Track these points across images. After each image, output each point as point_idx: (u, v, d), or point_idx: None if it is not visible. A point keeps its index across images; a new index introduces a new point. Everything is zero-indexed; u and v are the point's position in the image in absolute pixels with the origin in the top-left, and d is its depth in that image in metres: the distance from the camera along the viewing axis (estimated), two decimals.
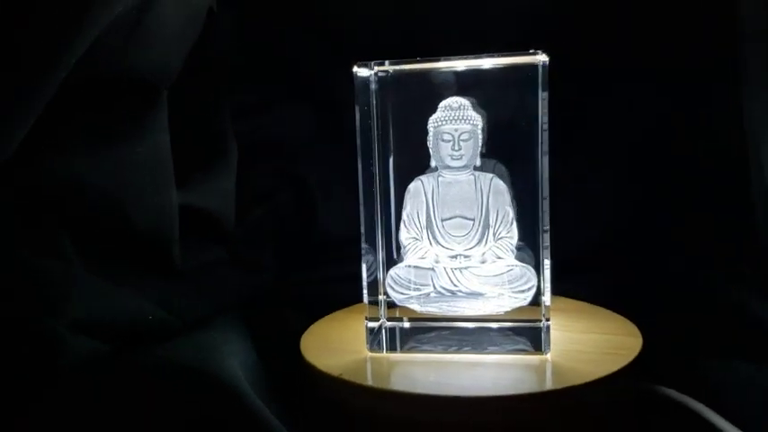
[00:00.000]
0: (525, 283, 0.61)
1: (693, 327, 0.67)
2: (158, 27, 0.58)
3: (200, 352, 0.54)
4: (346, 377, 0.56)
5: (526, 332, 0.61)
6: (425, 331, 0.63)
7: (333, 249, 0.91)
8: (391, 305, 0.63)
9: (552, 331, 0.64)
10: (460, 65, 0.59)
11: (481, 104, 0.61)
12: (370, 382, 0.56)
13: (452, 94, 0.60)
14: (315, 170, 0.92)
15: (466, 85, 0.60)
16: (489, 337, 0.61)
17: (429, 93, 0.61)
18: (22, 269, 0.55)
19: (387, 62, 0.60)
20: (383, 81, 0.61)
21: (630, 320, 0.66)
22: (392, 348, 0.62)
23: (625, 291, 0.74)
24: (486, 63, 0.58)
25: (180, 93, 0.68)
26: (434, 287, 0.62)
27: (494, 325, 0.61)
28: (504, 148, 0.61)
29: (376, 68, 0.60)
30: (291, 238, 0.93)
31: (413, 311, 0.62)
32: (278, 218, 0.91)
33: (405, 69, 0.60)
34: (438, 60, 0.59)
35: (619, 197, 0.83)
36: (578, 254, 0.78)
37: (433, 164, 0.61)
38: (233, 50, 0.83)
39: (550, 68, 0.68)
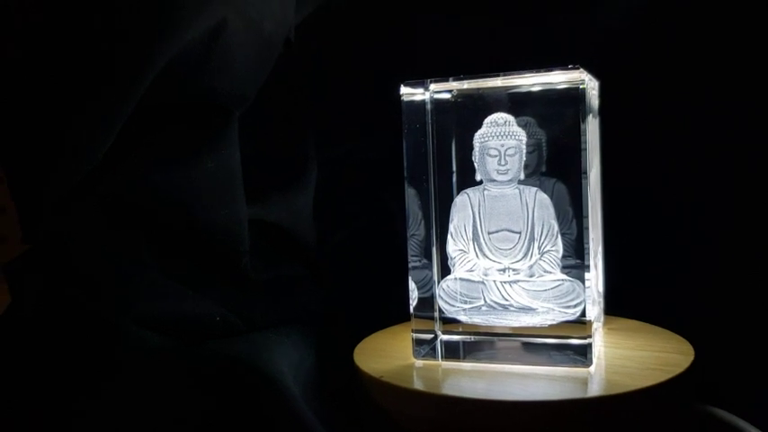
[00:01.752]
0: (574, 298, 0.61)
1: (753, 350, 0.65)
2: (228, 56, 0.64)
3: (252, 349, 0.58)
4: (387, 379, 0.59)
5: (572, 347, 0.61)
6: (476, 343, 0.64)
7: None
8: (443, 318, 0.65)
9: (604, 347, 0.64)
10: (508, 82, 0.62)
11: (536, 122, 0.63)
12: (411, 385, 0.59)
13: (501, 111, 0.63)
14: (394, 192, 0.96)
15: (516, 102, 0.62)
16: (536, 350, 0.62)
17: (480, 109, 0.63)
18: (101, 268, 0.61)
19: (430, 80, 0.63)
20: (438, 99, 0.64)
21: (689, 341, 0.65)
22: (439, 358, 0.64)
23: (688, 311, 0.72)
24: (531, 80, 0.60)
25: (258, 116, 0.74)
26: (485, 300, 0.64)
27: (541, 339, 0.62)
28: (556, 167, 0.62)
29: (432, 87, 0.64)
30: (371, 260, 0.97)
31: (459, 323, 0.64)
32: (361, 237, 0.96)
33: (454, 87, 0.63)
34: (485, 78, 0.62)
35: (689, 218, 0.82)
36: (644, 274, 0.77)
37: (478, 178, 0.63)
38: (316, 79, 0.88)
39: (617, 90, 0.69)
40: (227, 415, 0.54)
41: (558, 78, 0.59)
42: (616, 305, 0.73)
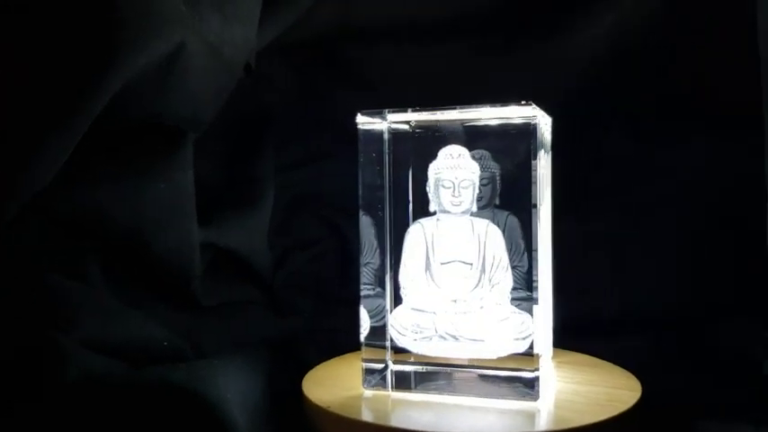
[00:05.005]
0: (522, 331, 0.61)
1: (706, 388, 0.66)
2: (185, 80, 0.64)
3: (195, 375, 0.57)
4: (333, 410, 0.58)
5: (521, 379, 0.61)
6: (423, 373, 0.64)
7: None
8: (393, 347, 0.65)
9: (554, 381, 0.65)
10: (462, 115, 0.62)
11: (490, 155, 0.63)
12: (359, 416, 0.58)
13: (456, 143, 0.63)
14: (355, 219, 0.96)
15: (471, 134, 0.63)
16: (485, 383, 0.62)
17: (436, 141, 0.64)
18: (45, 288, 0.60)
19: (409, 109, 0.63)
20: (396, 130, 0.64)
21: (639, 378, 0.65)
22: (389, 388, 0.64)
23: (640, 349, 0.73)
24: (484, 114, 0.61)
25: (216, 139, 0.74)
26: (436, 331, 0.64)
27: (490, 372, 0.62)
28: (508, 200, 0.63)
29: (390, 117, 0.64)
30: (326, 286, 0.97)
31: (410, 353, 0.64)
32: (319, 264, 0.95)
33: (410, 118, 0.64)
34: (441, 110, 0.62)
35: (655, 259, 0.83)
36: (596, 311, 0.78)
37: (432, 209, 0.64)
38: (275, 104, 0.89)
39: (574, 125, 0.70)
40: None
41: (512, 113, 0.60)
42: (565, 339, 0.73)
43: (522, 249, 0.62)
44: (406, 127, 0.64)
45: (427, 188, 0.64)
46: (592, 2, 0.82)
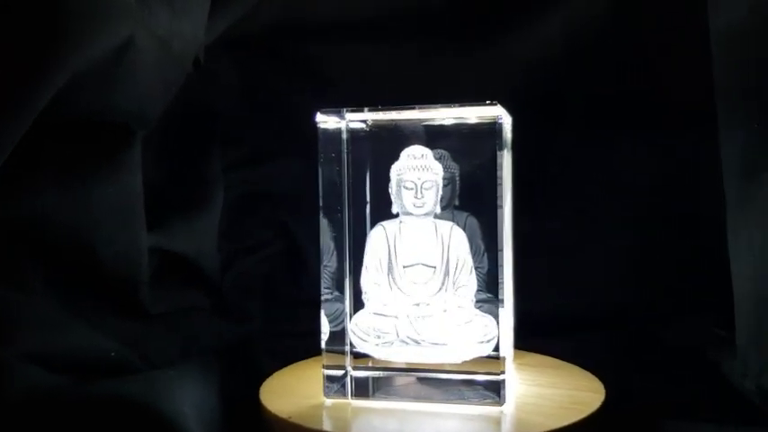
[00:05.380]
0: (485, 334, 0.60)
1: (665, 387, 0.66)
2: (134, 74, 0.61)
3: (149, 389, 0.54)
4: (295, 420, 0.56)
5: (485, 384, 0.60)
6: (385, 379, 0.62)
7: (319, 303, 0.92)
8: (354, 353, 0.63)
9: (516, 384, 0.64)
10: (425, 115, 0.61)
11: (450, 155, 0.62)
12: (321, 426, 0.56)
13: (418, 143, 0.62)
14: (307, 221, 0.94)
15: (431, 134, 0.61)
16: (449, 387, 0.61)
17: (395, 141, 0.62)
18: None
19: (347, 109, 0.61)
20: (354, 129, 0.62)
21: (599, 379, 0.65)
22: (352, 396, 0.62)
23: (597, 349, 0.73)
24: (447, 113, 0.60)
25: (162, 139, 0.71)
26: (397, 335, 0.62)
27: (454, 376, 0.61)
28: (469, 201, 0.62)
29: (348, 116, 0.62)
30: (277, 290, 0.94)
31: (372, 359, 0.62)
32: (268, 268, 0.93)
33: (371, 117, 0.62)
34: (403, 110, 0.61)
35: (606, 258, 0.83)
36: (552, 311, 0.78)
37: (394, 210, 0.62)
38: (224, 102, 0.86)
39: (528, 124, 0.70)
40: None
41: (476, 113, 0.59)
42: (519, 339, 0.73)
43: (483, 251, 0.61)
44: (364, 126, 0.62)
45: (390, 189, 0.62)
46: (545, 1, 0.82)
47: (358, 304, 0.63)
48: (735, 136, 0.60)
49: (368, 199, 0.63)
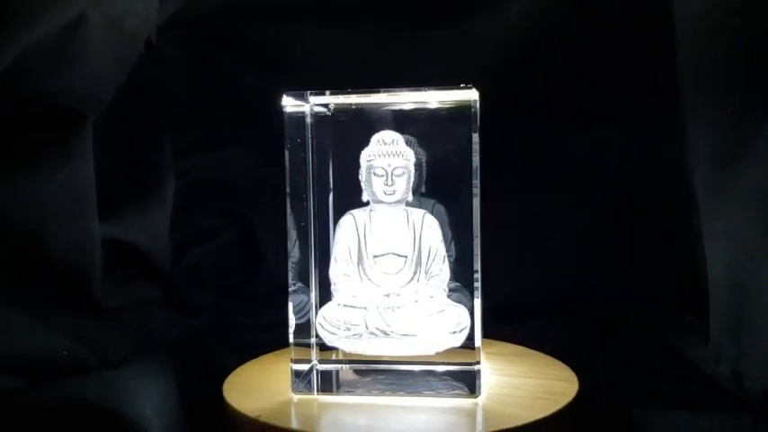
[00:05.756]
0: (458, 324, 0.59)
1: (634, 374, 0.66)
2: (85, 54, 0.57)
3: (108, 390, 0.51)
4: (265, 419, 0.53)
5: (458, 375, 0.59)
6: (355, 373, 0.60)
7: (278, 292, 0.89)
8: (322, 346, 0.61)
9: (488, 375, 0.63)
10: (394, 98, 0.58)
11: (417, 140, 0.60)
12: (291, 425, 0.54)
13: (389, 128, 0.59)
14: (261, 210, 0.91)
15: (400, 119, 0.59)
16: (421, 380, 0.59)
17: (362, 126, 0.60)
18: None
19: (327, 92, 0.59)
20: (318, 113, 0.60)
21: (568, 366, 0.64)
22: (321, 391, 0.60)
23: (569, 336, 0.72)
24: (419, 97, 0.58)
25: (111, 123, 0.67)
26: (366, 327, 0.60)
27: (426, 367, 0.59)
28: (439, 187, 0.60)
29: (312, 100, 0.59)
30: (234, 280, 0.91)
31: (342, 353, 0.60)
32: (221, 258, 0.89)
33: (340, 100, 0.59)
34: (371, 93, 0.58)
35: (570, 244, 0.83)
36: (516, 298, 0.77)
37: (365, 198, 0.60)
38: (175, 85, 0.82)
39: (494, 109, 0.68)
40: None
41: (450, 97, 0.57)
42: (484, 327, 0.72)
43: (450, 238, 0.60)
44: (326, 111, 0.60)
45: (360, 176, 0.59)
46: None
47: (324, 296, 0.61)
48: (704, 124, 0.60)
49: (330, 186, 0.61)
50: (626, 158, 0.78)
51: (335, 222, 0.61)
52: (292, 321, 0.60)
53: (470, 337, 0.58)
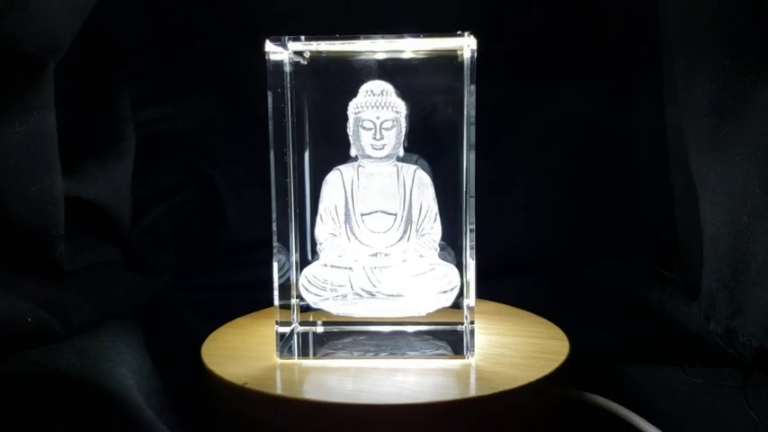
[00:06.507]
0: (448, 283, 0.57)
1: (617, 331, 0.65)
2: None
3: (85, 359, 0.47)
4: (252, 386, 0.50)
5: (448, 335, 0.57)
6: (341, 336, 0.58)
7: (243, 251, 0.85)
8: (305, 308, 0.58)
9: (476, 334, 0.61)
10: (383, 45, 0.55)
11: (405, 91, 0.56)
12: (279, 391, 0.51)
13: (374, 78, 0.56)
14: (224, 165, 0.86)
15: (389, 68, 0.56)
16: (409, 341, 0.57)
17: (349, 76, 0.56)
18: None
19: (303, 38, 0.55)
20: (299, 61, 0.56)
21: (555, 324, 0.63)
22: (305, 355, 0.57)
23: (549, 294, 0.71)
24: (411, 44, 0.54)
25: (70, 70, 0.61)
26: (352, 288, 0.57)
27: (414, 328, 0.57)
28: (428, 141, 0.57)
29: (291, 46, 0.55)
30: (195, 239, 0.87)
31: (328, 315, 0.57)
32: (181, 216, 0.85)
33: (322, 47, 0.55)
34: (358, 39, 0.54)
35: (545, 201, 0.81)
36: (503, 256, 0.75)
37: (353, 153, 0.57)
38: (134, 30, 0.76)
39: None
40: None
41: (443, 45, 0.54)
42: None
43: (454, 197, 0.57)
44: (300, 60, 0.56)
45: (348, 130, 0.56)
46: None
47: (304, 255, 0.58)
48: (698, 78, 0.58)
49: (307, 140, 0.57)
50: (601, 117, 0.77)
51: (313, 178, 0.58)
52: (276, 282, 0.57)
53: (460, 296, 0.56)
